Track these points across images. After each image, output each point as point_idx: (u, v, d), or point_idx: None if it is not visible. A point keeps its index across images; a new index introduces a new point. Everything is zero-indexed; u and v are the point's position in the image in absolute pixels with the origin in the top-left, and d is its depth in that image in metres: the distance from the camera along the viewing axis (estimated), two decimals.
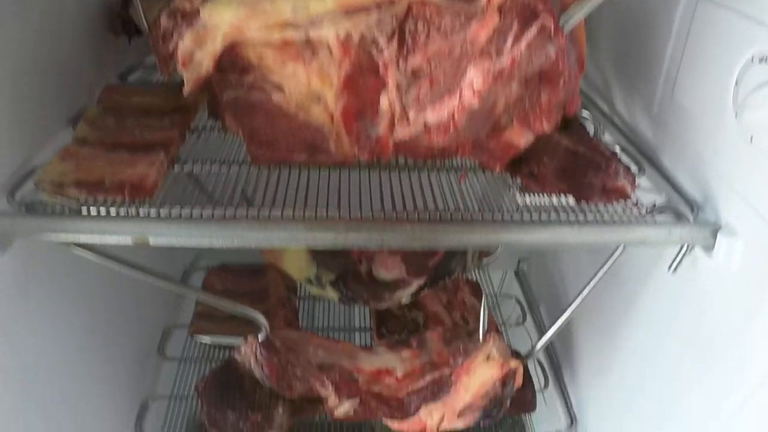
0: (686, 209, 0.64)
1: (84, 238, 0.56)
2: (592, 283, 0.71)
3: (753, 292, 0.57)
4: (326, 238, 0.53)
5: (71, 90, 0.78)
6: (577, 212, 0.61)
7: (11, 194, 0.60)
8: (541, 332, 1.15)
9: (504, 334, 1.10)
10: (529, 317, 1.18)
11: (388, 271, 0.91)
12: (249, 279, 1.13)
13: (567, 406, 1.01)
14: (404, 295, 0.91)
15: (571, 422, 0.99)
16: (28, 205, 0.59)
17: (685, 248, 0.64)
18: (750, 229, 0.58)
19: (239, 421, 0.91)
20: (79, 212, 0.57)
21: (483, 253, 0.93)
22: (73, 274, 0.77)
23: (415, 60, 0.46)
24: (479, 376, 0.75)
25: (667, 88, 0.73)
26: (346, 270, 0.90)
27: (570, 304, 0.74)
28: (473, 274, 1.24)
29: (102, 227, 0.56)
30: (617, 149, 0.75)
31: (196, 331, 1.09)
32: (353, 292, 0.90)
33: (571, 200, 0.63)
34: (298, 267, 0.88)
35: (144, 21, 0.75)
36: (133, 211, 0.56)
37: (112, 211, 0.56)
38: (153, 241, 0.54)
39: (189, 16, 0.47)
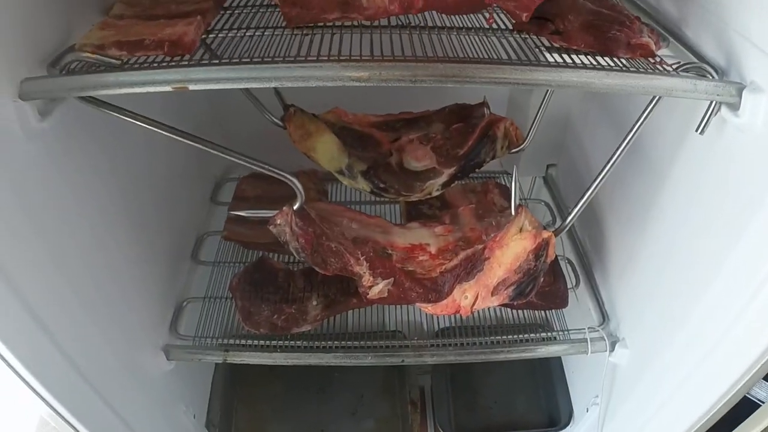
0: (713, 73, 0.67)
1: (121, 91, 0.61)
2: (622, 150, 0.75)
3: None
4: (361, 76, 0.58)
5: None
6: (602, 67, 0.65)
7: (52, 65, 0.65)
8: (572, 235, 1.20)
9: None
10: (558, 221, 1.22)
11: (418, 161, 0.95)
12: (279, 185, 1.18)
13: (599, 304, 1.06)
14: (435, 186, 0.94)
15: (603, 319, 1.03)
16: (63, 68, 0.64)
17: (712, 106, 0.67)
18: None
19: (273, 315, 0.97)
20: (121, 67, 0.62)
21: (512, 144, 0.96)
22: (108, 159, 0.83)
23: None
24: (512, 249, 0.79)
25: None
26: (378, 161, 0.94)
27: (593, 183, 0.78)
28: (503, 180, 1.28)
29: (138, 78, 0.61)
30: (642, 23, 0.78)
31: (228, 236, 1.15)
32: (385, 183, 0.94)
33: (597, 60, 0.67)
34: (330, 157, 0.93)
35: None
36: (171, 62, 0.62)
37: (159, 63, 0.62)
38: (193, 86, 0.59)
39: None
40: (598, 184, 0.77)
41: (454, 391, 1.29)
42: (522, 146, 0.96)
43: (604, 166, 0.76)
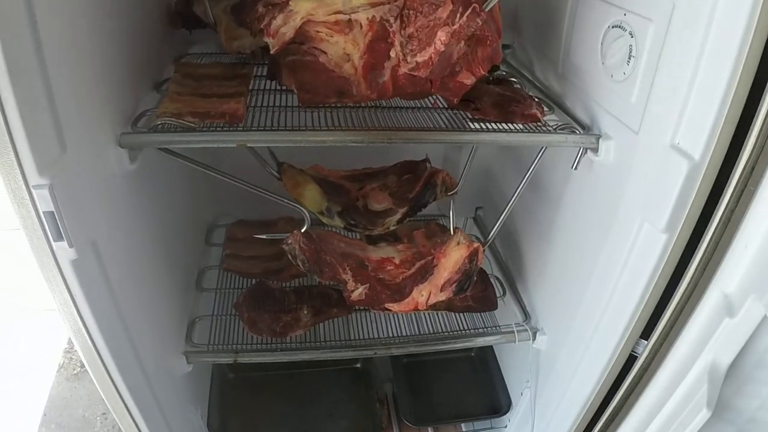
0: (580, 129, 1.12)
1: (199, 144, 0.99)
2: (524, 182, 1.18)
3: (621, 173, 1.05)
4: (357, 139, 0.99)
5: (151, 68, 1.22)
6: (508, 128, 1.09)
7: (134, 125, 1.02)
8: (497, 258, 1.63)
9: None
10: (487, 250, 1.65)
11: (379, 203, 1.35)
12: (262, 228, 1.57)
13: (521, 306, 1.48)
14: (392, 222, 1.34)
15: (526, 317, 1.45)
16: (152, 128, 1.02)
17: (580, 151, 1.12)
18: (617, 133, 1.06)
19: (273, 322, 1.33)
20: (195, 129, 1.00)
21: (448, 189, 1.39)
22: (159, 200, 1.20)
23: (410, 29, 0.92)
24: (453, 257, 1.21)
25: (565, 54, 1.23)
26: (349, 204, 1.34)
27: (506, 206, 1.22)
28: (441, 221, 1.71)
29: (213, 138, 0.99)
30: (537, 99, 1.23)
31: (228, 267, 1.52)
32: (355, 220, 1.33)
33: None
34: (314, 201, 1.31)
35: (210, 15, 1.21)
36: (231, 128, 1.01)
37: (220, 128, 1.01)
38: (250, 144, 0.99)
39: (280, 5, 0.93)
40: (509, 207, 1.20)
41: (412, 391, 1.67)
42: (455, 190, 1.39)
43: (513, 194, 1.20)
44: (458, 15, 0.90)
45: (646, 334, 1.10)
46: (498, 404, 1.66)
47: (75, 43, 0.84)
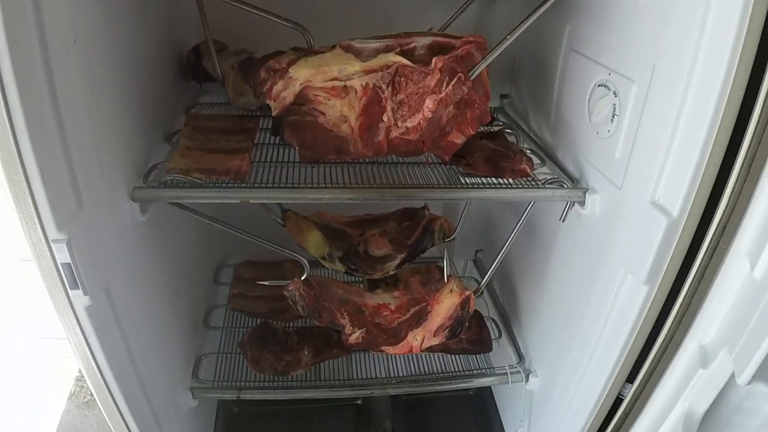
0: (569, 182, 1.19)
1: (206, 200, 1.07)
2: (515, 232, 1.25)
3: (606, 226, 1.11)
4: (352, 197, 1.06)
5: (163, 119, 1.30)
6: (499, 183, 1.16)
7: (146, 178, 1.11)
8: (495, 301, 1.69)
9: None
10: (486, 293, 1.72)
11: (379, 249, 1.42)
12: (268, 269, 1.64)
13: (516, 348, 1.53)
14: (392, 267, 1.41)
15: (520, 359, 1.51)
16: (162, 183, 1.10)
17: (567, 205, 1.19)
18: (602, 187, 1.13)
19: (276, 361, 1.40)
20: (202, 185, 1.08)
21: (445, 234, 1.45)
22: (168, 246, 1.28)
23: (400, 96, 0.99)
24: (446, 304, 1.27)
25: (556, 107, 1.30)
26: (350, 249, 1.41)
27: (498, 254, 1.28)
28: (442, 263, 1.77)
29: (219, 194, 1.07)
30: (529, 152, 1.30)
31: (234, 306, 1.59)
32: (355, 265, 1.40)
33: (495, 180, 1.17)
34: (316, 246, 1.39)
35: (219, 71, 1.29)
36: (235, 185, 1.09)
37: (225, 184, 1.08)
38: (252, 201, 1.06)
39: (281, 71, 1.01)
40: (502, 254, 1.27)
41: (411, 428, 1.72)
42: (452, 236, 1.45)
43: (505, 242, 1.26)
44: (445, 84, 0.97)
45: (631, 377, 1.16)
46: None
47: (92, 100, 0.92)
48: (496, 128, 1.39)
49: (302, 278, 1.23)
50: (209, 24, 1.25)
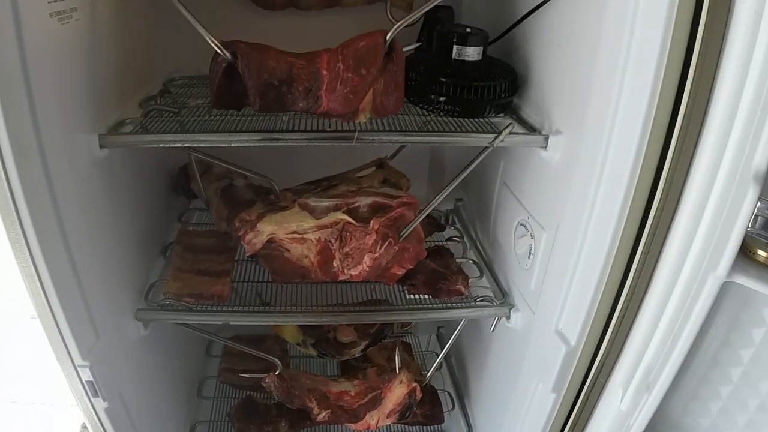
0: (500, 298, 1.44)
1: (195, 322, 1.33)
2: (451, 340, 1.50)
3: (525, 341, 1.36)
4: (309, 320, 1.33)
5: (158, 233, 1.56)
6: (436, 303, 1.41)
7: (146, 298, 1.37)
8: (452, 375, 1.95)
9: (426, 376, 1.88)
10: (445, 366, 1.97)
11: (345, 336, 1.68)
12: (254, 344, 1.91)
13: (466, 419, 1.79)
14: (356, 351, 1.67)
15: (469, 429, 1.77)
16: (161, 305, 1.36)
17: (495, 319, 1.44)
18: (522, 307, 1.38)
19: (258, 431, 1.66)
20: (192, 309, 1.34)
21: (404, 325, 1.71)
22: (175, 344, 1.55)
23: (345, 248, 1.26)
24: (396, 392, 1.53)
25: (493, 230, 1.55)
26: (321, 336, 1.67)
27: (444, 349, 1.54)
28: (409, 337, 2.03)
29: (205, 317, 1.33)
30: (472, 261, 1.56)
31: (224, 380, 1.86)
32: (325, 350, 1.66)
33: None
34: (292, 334, 1.65)
35: (204, 195, 1.55)
36: (219, 308, 1.35)
37: (210, 308, 1.35)
38: (232, 322, 1.32)
39: (251, 223, 1.27)
40: (447, 348, 1.53)
41: None
42: (410, 327, 1.71)
43: (451, 338, 1.52)
44: (379, 245, 1.24)
45: None
46: None
47: (99, 238, 1.16)
48: (446, 237, 1.65)
49: (276, 373, 1.49)
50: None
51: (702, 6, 0.80)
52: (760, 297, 0.96)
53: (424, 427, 1.80)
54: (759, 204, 0.79)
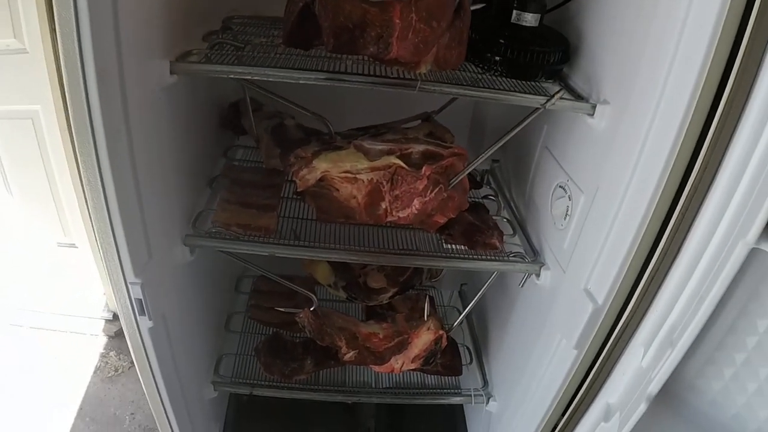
0: (531, 256, 1.57)
1: (244, 251, 1.47)
2: (480, 292, 1.64)
3: (552, 297, 1.49)
4: (351, 258, 1.46)
5: (205, 165, 1.69)
6: (471, 254, 1.54)
7: (193, 225, 1.50)
8: (471, 331, 2.09)
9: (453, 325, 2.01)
10: (465, 322, 2.11)
11: (376, 282, 1.81)
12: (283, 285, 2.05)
13: (483, 373, 1.94)
14: (385, 298, 1.81)
15: (484, 384, 1.91)
16: (209, 232, 1.49)
17: (525, 275, 1.57)
18: (553, 265, 1.51)
19: (284, 367, 1.81)
20: (239, 239, 1.47)
21: (432, 275, 1.84)
22: (212, 275, 1.68)
23: (396, 191, 1.38)
24: (423, 338, 1.67)
25: (530, 189, 1.69)
26: (352, 280, 1.81)
27: (474, 299, 1.67)
28: (432, 291, 2.17)
29: (252, 247, 1.46)
30: (506, 219, 1.68)
31: (252, 316, 2.00)
32: (355, 293, 1.80)
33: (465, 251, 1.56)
34: (324, 275, 1.78)
35: (255, 132, 1.67)
36: (265, 240, 1.48)
37: (256, 239, 1.48)
38: (278, 254, 1.45)
39: (306, 159, 1.39)
40: (477, 299, 1.66)
41: (391, 428, 2.14)
42: (438, 278, 1.84)
43: (480, 290, 1.65)
44: (429, 190, 1.36)
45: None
46: None
47: (157, 164, 1.29)
48: (482, 194, 1.77)
49: (311, 309, 1.63)
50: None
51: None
52: None
53: (442, 377, 1.94)
54: None
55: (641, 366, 1.28)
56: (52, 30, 1.96)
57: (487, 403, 1.88)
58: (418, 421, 2.19)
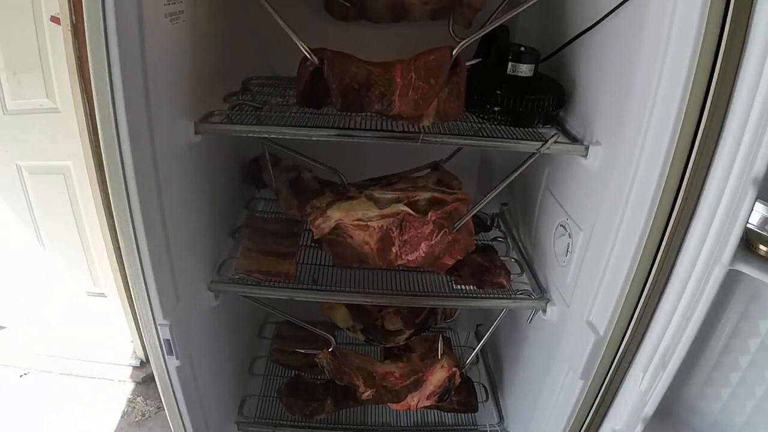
0: (538, 293, 1.68)
1: (265, 296, 1.60)
2: (491, 329, 1.75)
3: (559, 330, 1.60)
4: (366, 300, 1.58)
5: (228, 216, 1.84)
6: (480, 293, 1.66)
7: (217, 272, 1.64)
8: (487, 369, 2.19)
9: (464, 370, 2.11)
10: (481, 361, 2.22)
11: (393, 325, 1.93)
12: (303, 330, 2.17)
13: (498, 410, 2.04)
14: (402, 339, 1.92)
15: (500, 419, 2.01)
16: (232, 278, 1.63)
17: (533, 311, 1.68)
18: (558, 301, 1.62)
19: (305, 407, 1.92)
20: (260, 284, 1.60)
21: (447, 315, 1.95)
22: (236, 320, 1.82)
23: (404, 236, 1.51)
24: (437, 376, 1.77)
25: (535, 231, 1.81)
26: (369, 323, 1.93)
27: (483, 339, 1.79)
28: (449, 333, 2.28)
29: (273, 292, 1.59)
30: (514, 260, 1.80)
31: (275, 359, 2.12)
32: (373, 336, 1.92)
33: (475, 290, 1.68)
34: (342, 319, 1.90)
35: (274, 185, 1.82)
36: (285, 285, 1.61)
37: (277, 284, 1.61)
38: (296, 298, 1.58)
39: (321, 210, 1.53)
40: (486, 339, 1.77)
41: None
42: (452, 318, 1.95)
43: (487, 334, 1.76)
44: (435, 234, 1.49)
45: None
46: None
47: (184, 213, 1.43)
48: (491, 237, 1.90)
49: (329, 350, 1.75)
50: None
51: (719, 51, 1.04)
52: (767, 290, 1.19)
53: (459, 415, 2.04)
54: (757, 204, 1.03)
55: (640, 390, 1.37)
56: (84, 91, 2.14)
57: None
58: None
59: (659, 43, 1.12)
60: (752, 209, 1.03)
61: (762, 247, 1.11)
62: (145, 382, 2.80)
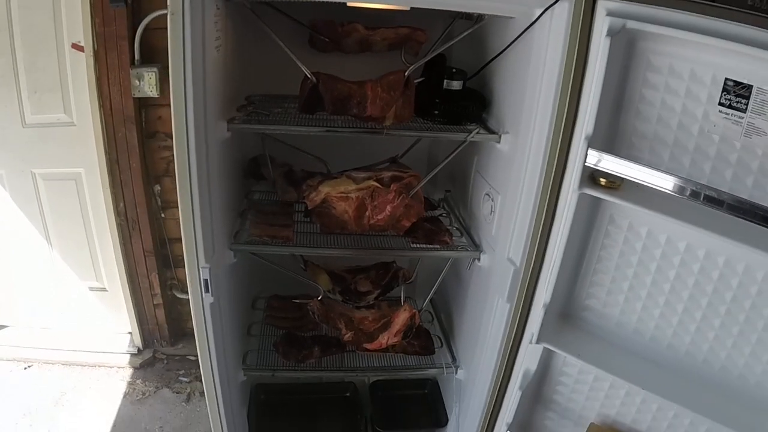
0: (473, 247, 2.59)
1: (273, 253, 2.46)
2: (441, 276, 2.66)
3: (490, 272, 2.51)
4: (346, 253, 2.49)
5: (236, 202, 2.71)
6: (430, 247, 2.56)
7: (235, 238, 2.50)
8: (440, 323, 3.10)
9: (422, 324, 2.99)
10: (435, 319, 3.12)
11: (364, 287, 2.81)
12: (289, 300, 3.03)
13: (451, 351, 2.95)
14: (371, 298, 2.79)
15: (453, 358, 2.90)
16: (246, 241, 2.48)
17: (471, 260, 2.59)
18: (488, 250, 2.53)
19: (297, 354, 2.78)
20: (268, 244, 2.47)
21: (406, 278, 2.84)
22: (241, 287, 2.67)
23: (375, 202, 2.40)
24: (401, 317, 2.66)
25: (470, 204, 2.75)
26: (345, 286, 2.80)
27: (432, 288, 2.70)
28: (410, 302, 3.17)
29: (278, 249, 2.47)
30: (456, 228, 2.72)
31: (269, 322, 2.98)
32: (348, 296, 2.79)
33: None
34: (324, 283, 2.76)
35: (272, 176, 2.70)
36: (286, 245, 2.48)
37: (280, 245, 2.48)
38: (295, 253, 2.46)
39: (314, 186, 2.41)
40: (435, 288, 2.68)
41: (384, 412, 3.09)
42: (410, 280, 2.84)
43: (437, 282, 2.67)
44: (396, 198, 2.39)
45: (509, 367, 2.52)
46: (441, 419, 3.07)
47: (219, 190, 2.30)
48: (437, 213, 2.81)
49: (318, 299, 2.61)
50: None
51: (573, 70, 1.98)
52: (618, 215, 2.12)
53: (420, 357, 2.89)
54: (590, 150, 1.93)
55: (545, 302, 2.27)
56: (101, 107, 2.98)
57: (456, 372, 2.85)
58: (405, 403, 3.15)
59: (539, 66, 2.05)
60: (587, 154, 1.93)
61: (601, 179, 2.01)
62: (142, 366, 3.59)
